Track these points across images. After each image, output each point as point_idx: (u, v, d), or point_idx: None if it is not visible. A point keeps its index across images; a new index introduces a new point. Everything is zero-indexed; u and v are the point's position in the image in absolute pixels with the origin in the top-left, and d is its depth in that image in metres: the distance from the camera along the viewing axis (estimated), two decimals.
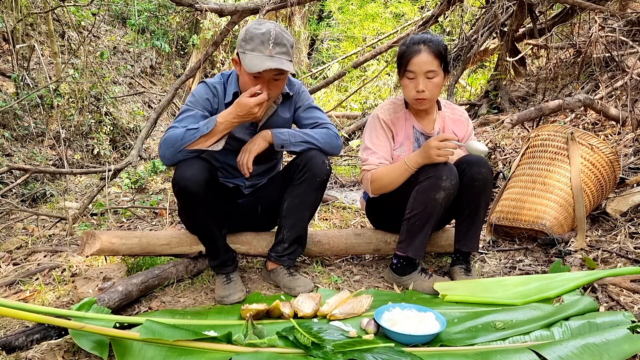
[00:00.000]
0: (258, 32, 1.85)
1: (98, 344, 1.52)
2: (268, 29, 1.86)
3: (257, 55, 1.85)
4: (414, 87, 2.03)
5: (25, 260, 2.66)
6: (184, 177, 1.86)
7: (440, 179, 1.94)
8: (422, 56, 1.98)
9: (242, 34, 1.89)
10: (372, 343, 1.56)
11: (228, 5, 4.62)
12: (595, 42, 3.96)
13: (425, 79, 2.00)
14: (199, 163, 1.90)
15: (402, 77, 2.07)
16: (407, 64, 2.01)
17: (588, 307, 1.74)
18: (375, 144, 2.14)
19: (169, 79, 8.91)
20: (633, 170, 3.07)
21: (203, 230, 2.05)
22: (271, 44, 1.85)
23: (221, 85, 2.05)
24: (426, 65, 1.99)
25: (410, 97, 2.07)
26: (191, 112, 1.97)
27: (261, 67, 1.83)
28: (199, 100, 2.00)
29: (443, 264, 2.41)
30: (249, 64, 1.84)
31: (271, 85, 1.91)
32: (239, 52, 1.90)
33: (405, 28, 7.33)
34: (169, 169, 5.53)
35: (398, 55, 2.08)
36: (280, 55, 1.86)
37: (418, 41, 2.01)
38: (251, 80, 1.89)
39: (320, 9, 12.49)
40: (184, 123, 1.93)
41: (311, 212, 2.15)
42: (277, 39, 1.86)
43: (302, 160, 2.04)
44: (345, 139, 5.87)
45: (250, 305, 1.76)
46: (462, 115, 2.25)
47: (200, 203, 1.92)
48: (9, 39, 5.60)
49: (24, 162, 5.12)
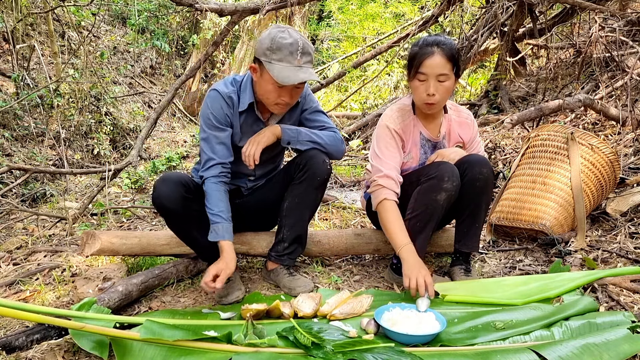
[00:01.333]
0: (286, 42, 1.83)
1: (98, 344, 1.52)
2: (295, 38, 1.84)
3: (286, 66, 1.83)
4: (424, 90, 1.98)
5: (25, 260, 2.66)
6: (159, 195, 1.87)
7: (442, 180, 1.93)
8: (435, 58, 1.93)
9: (268, 43, 1.84)
10: (372, 343, 1.56)
11: (228, 5, 4.62)
12: (595, 42, 3.96)
13: (437, 82, 1.96)
14: (174, 180, 1.91)
15: (413, 78, 2.01)
16: (419, 66, 1.96)
17: (588, 307, 1.74)
18: (384, 154, 2.07)
19: (169, 79, 8.92)
20: (633, 170, 3.07)
21: (190, 242, 2.06)
22: (299, 54, 1.84)
23: (235, 95, 2.00)
24: (438, 68, 1.94)
25: (421, 100, 2.02)
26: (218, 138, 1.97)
27: (294, 80, 1.82)
28: (219, 119, 1.97)
29: (443, 264, 2.41)
30: (279, 75, 1.82)
31: (293, 92, 1.92)
32: (263, 60, 1.86)
33: (405, 28, 7.32)
34: (168, 169, 5.53)
35: (410, 56, 2.03)
36: (307, 65, 1.87)
37: (431, 43, 1.96)
38: (275, 89, 1.88)
39: (320, 9, 12.48)
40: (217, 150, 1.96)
41: (311, 212, 2.15)
42: (304, 48, 1.85)
43: (303, 160, 2.04)
44: (345, 139, 5.87)
45: (250, 305, 1.76)
46: (467, 118, 2.22)
47: (180, 218, 1.94)
48: (9, 39, 5.60)
49: (24, 162, 5.12)
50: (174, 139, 7.61)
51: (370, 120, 6.02)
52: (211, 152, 1.96)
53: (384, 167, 2.03)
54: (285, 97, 1.91)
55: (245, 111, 2.02)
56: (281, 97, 1.91)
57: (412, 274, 1.83)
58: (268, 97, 1.92)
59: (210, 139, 1.96)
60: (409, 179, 2.08)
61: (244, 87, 2.01)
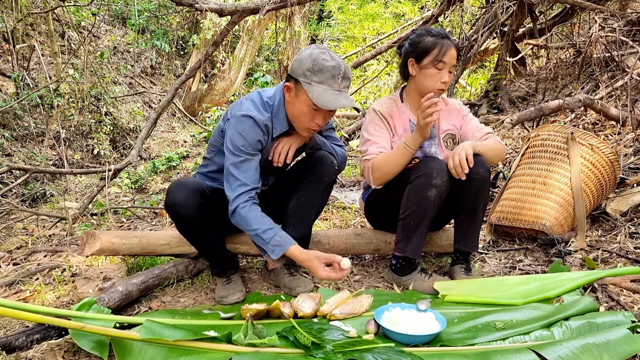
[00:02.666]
0: (328, 64, 1.79)
1: (98, 344, 1.52)
2: (337, 62, 1.81)
3: (326, 90, 1.79)
4: (439, 78, 2.06)
5: (25, 260, 2.66)
6: (175, 202, 1.85)
7: (430, 176, 1.94)
8: (453, 51, 2.06)
9: (309, 64, 1.80)
10: (372, 343, 1.56)
11: (228, 5, 4.62)
12: (595, 42, 3.96)
13: (448, 72, 2.07)
14: (190, 187, 1.88)
15: (429, 66, 2.06)
16: (443, 55, 2.03)
17: (588, 307, 1.74)
18: (373, 135, 2.14)
19: (169, 79, 8.91)
20: (633, 170, 3.07)
21: (201, 247, 2.06)
22: (340, 78, 1.81)
23: (270, 122, 1.94)
24: (454, 60, 2.07)
25: (434, 87, 2.07)
26: (251, 163, 1.90)
27: (335, 105, 1.80)
28: (251, 144, 1.89)
29: (443, 264, 2.41)
30: (319, 99, 1.78)
31: (327, 116, 1.91)
32: (302, 81, 1.81)
33: (405, 28, 7.32)
34: (168, 169, 5.54)
35: (426, 45, 2.06)
36: (346, 90, 1.86)
37: (444, 35, 2.07)
38: (310, 111, 1.84)
39: (320, 9, 12.49)
40: (248, 176, 1.88)
41: (317, 212, 2.15)
42: (346, 73, 1.83)
43: (311, 161, 2.05)
44: (345, 139, 5.87)
45: (250, 305, 1.76)
46: (454, 104, 2.28)
47: (196, 225, 1.93)
48: (9, 39, 5.60)
49: (24, 162, 5.12)
50: (174, 139, 7.61)
51: None
52: (243, 177, 1.88)
53: (373, 147, 2.12)
54: (318, 121, 1.87)
55: (279, 137, 2.00)
56: (314, 121, 1.87)
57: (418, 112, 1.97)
58: (301, 119, 1.88)
59: (242, 165, 1.88)
60: (399, 178, 2.08)
61: (277, 111, 1.94)
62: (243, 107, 1.92)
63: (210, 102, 8.69)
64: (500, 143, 2.17)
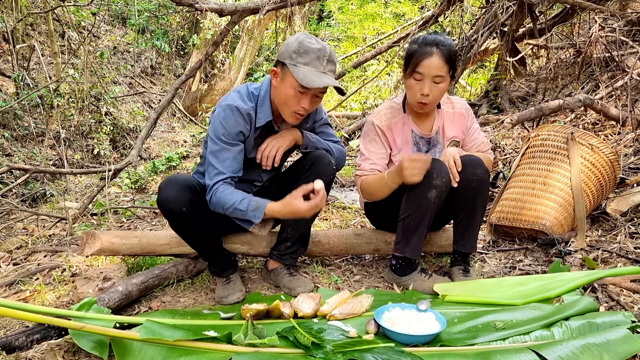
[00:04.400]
0: (314, 47, 1.81)
1: (98, 344, 1.52)
2: (323, 45, 1.84)
3: (312, 70, 1.81)
4: (419, 90, 1.98)
5: (25, 260, 2.66)
6: (167, 199, 1.85)
7: (430, 177, 1.93)
8: (434, 59, 1.93)
9: (295, 46, 1.82)
10: (372, 343, 1.56)
11: (228, 5, 4.62)
12: (595, 42, 3.96)
13: (432, 83, 1.96)
14: (180, 183, 1.89)
15: (409, 77, 2.01)
16: (417, 65, 1.95)
17: (588, 307, 1.74)
18: (368, 150, 2.13)
19: (169, 79, 8.91)
20: (633, 170, 3.07)
21: (195, 244, 2.06)
22: (325, 60, 1.83)
23: (254, 111, 1.94)
24: (435, 70, 1.94)
25: (414, 99, 2.03)
26: (229, 152, 1.91)
27: (320, 83, 1.80)
28: (231, 134, 1.90)
29: (443, 264, 2.41)
30: (304, 78, 1.79)
31: (313, 100, 1.90)
32: (288, 63, 1.82)
33: (405, 28, 7.32)
34: (168, 169, 5.54)
35: (407, 54, 2.02)
36: (331, 74, 1.86)
37: (431, 42, 1.95)
38: (296, 94, 1.84)
39: (320, 9, 12.49)
40: (226, 165, 1.90)
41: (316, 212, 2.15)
42: (331, 56, 1.85)
43: (309, 160, 2.05)
44: (345, 139, 5.87)
45: (250, 305, 1.76)
46: (462, 108, 2.21)
47: (188, 222, 1.92)
48: (9, 39, 5.59)
49: (24, 162, 5.11)
50: (174, 139, 7.60)
51: None
52: (220, 165, 1.90)
53: (366, 163, 2.11)
54: (305, 104, 1.87)
55: (262, 127, 1.99)
56: (301, 104, 1.86)
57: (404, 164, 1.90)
58: (288, 103, 1.87)
59: (220, 154, 1.91)
60: None
61: (262, 101, 1.96)
62: (228, 97, 1.95)
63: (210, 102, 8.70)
64: (490, 161, 2.21)
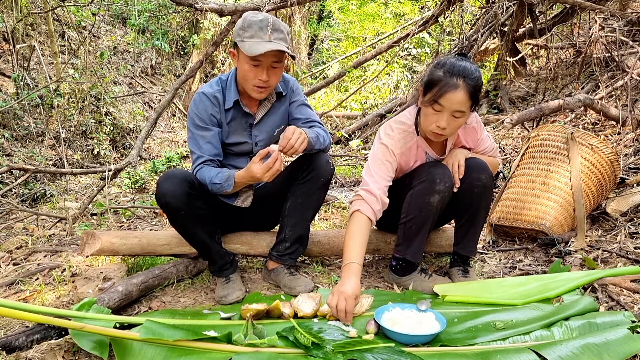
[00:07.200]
0: (256, 19, 1.87)
1: (98, 344, 1.52)
2: (265, 16, 1.89)
3: (256, 41, 1.85)
4: (435, 121, 1.86)
5: (25, 260, 2.66)
6: (164, 193, 1.88)
7: (434, 182, 1.92)
8: (458, 94, 1.79)
9: (239, 24, 1.89)
10: (372, 343, 1.56)
11: (228, 5, 4.62)
12: (595, 42, 3.96)
13: (451, 116, 1.84)
14: (178, 177, 1.91)
15: (427, 105, 1.87)
16: (439, 97, 1.81)
17: (588, 307, 1.74)
18: (375, 172, 1.98)
19: (169, 79, 8.91)
20: (633, 170, 3.07)
21: (193, 240, 2.06)
22: (269, 29, 1.86)
23: (221, 93, 2.03)
24: (457, 105, 1.81)
25: (428, 128, 1.90)
26: (205, 137, 1.99)
27: (262, 49, 1.83)
28: (203, 118, 1.99)
29: (443, 264, 2.41)
30: (249, 49, 1.84)
31: (270, 72, 1.91)
32: (237, 41, 1.89)
33: (405, 28, 7.32)
34: (168, 169, 5.54)
35: (431, 79, 1.86)
36: (279, 41, 1.88)
37: (458, 73, 1.79)
38: (251, 68, 1.89)
39: (320, 9, 12.49)
40: (205, 149, 1.99)
41: (314, 212, 2.15)
42: (275, 25, 1.88)
43: (307, 160, 2.04)
44: (345, 139, 5.87)
45: (250, 305, 1.76)
46: (472, 121, 2.08)
47: (185, 216, 1.93)
48: (9, 39, 5.60)
49: (24, 162, 5.11)
50: (174, 139, 7.61)
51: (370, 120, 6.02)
52: (198, 150, 1.99)
53: (371, 182, 1.95)
54: (262, 76, 1.89)
55: (232, 108, 2.04)
56: (258, 77, 1.90)
57: (337, 296, 1.71)
58: (246, 78, 1.92)
59: (196, 139, 2.00)
60: (400, 182, 2.06)
61: (229, 84, 2.04)
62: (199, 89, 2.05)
63: None
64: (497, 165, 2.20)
